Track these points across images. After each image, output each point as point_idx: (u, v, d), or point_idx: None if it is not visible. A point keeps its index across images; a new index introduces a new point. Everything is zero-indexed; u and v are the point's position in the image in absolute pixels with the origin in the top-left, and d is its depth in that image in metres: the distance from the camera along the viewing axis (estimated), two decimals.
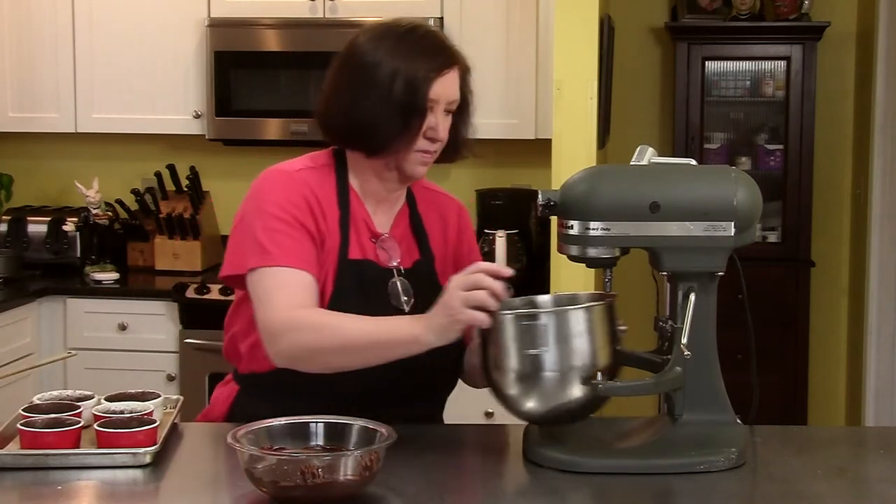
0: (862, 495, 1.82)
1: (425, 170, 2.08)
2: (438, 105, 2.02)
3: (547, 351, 1.78)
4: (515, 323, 1.80)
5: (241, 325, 2.11)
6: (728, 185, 1.85)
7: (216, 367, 4.03)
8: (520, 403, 1.83)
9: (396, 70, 2.00)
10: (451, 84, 2.03)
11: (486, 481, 1.86)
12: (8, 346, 3.93)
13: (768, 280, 4.68)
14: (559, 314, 1.82)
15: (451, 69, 2.03)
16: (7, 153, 4.76)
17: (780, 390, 4.75)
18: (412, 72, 1.99)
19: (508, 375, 1.82)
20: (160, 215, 4.44)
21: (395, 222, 2.13)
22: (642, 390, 1.85)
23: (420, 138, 2.02)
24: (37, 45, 4.40)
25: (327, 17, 4.23)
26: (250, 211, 2.06)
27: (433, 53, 2.02)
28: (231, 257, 2.06)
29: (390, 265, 2.08)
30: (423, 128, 2.01)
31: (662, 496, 1.78)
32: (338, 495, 1.63)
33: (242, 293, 2.09)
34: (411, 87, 1.99)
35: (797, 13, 4.81)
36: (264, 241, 1.99)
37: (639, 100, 5.06)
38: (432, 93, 2.00)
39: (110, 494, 1.77)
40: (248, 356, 2.09)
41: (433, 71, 2.00)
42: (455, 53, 2.06)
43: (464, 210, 2.25)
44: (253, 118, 4.29)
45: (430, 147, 2.04)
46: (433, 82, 2.00)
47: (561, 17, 3.64)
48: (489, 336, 1.84)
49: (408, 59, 2.00)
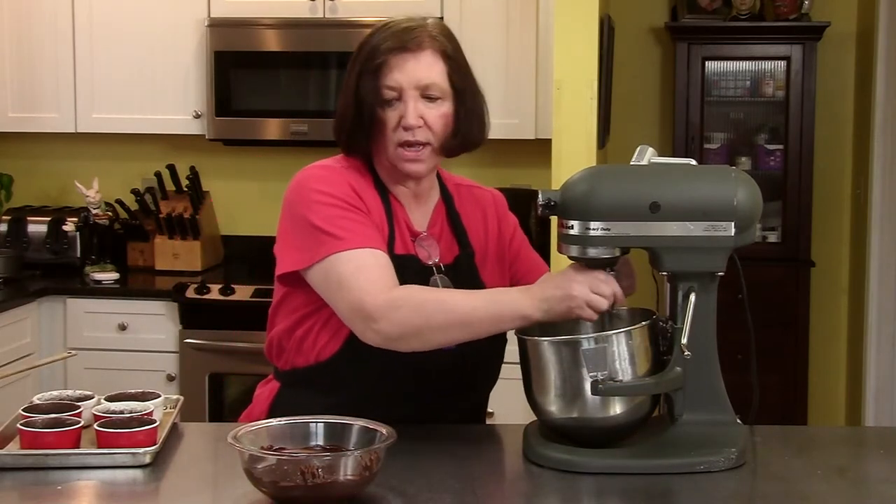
0: (862, 495, 1.82)
1: (420, 167, 2.02)
2: (406, 91, 1.97)
3: (594, 376, 1.80)
4: (557, 348, 1.83)
5: (286, 322, 2.07)
6: (728, 185, 1.85)
7: (216, 367, 4.04)
8: (559, 422, 1.86)
9: (354, 63, 2.00)
10: (417, 69, 1.98)
11: (486, 481, 1.86)
12: (8, 346, 3.93)
13: (768, 280, 4.68)
14: (599, 340, 1.82)
15: (408, 52, 1.97)
16: (7, 153, 4.76)
17: (780, 390, 4.74)
18: (365, 63, 1.98)
19: (549, 396, 1.85)
20: (160, 215, 4.45)
21: (431, 220, 2.11)
22: (643, 390, 1.85)
23: (393, 130, 1.99)
24: (37, 45, 4.40)
25: (327, 17, 4.23)
26: (299, 207, 1.98)
27: (389, 41, 1.98)
28: (291, 253, 1.98)
29: (429, 263, 2.07)
30: (388, 119, 1.98)
31: (662, 496, 1.78)
32: (338, 495, 1.63)
33: (285, 291, 2.06)
34: (363, 77, 1.98)
35: (797, 13, 4.81)
36: (328, 228, 1.93)
37: (639, 100, 5.06)
38: (390, 80, 1.97)
39: (110, 494, 1.77)
40: (294, 351, 2.06)
41: (382, 57, 1.97)
42: (419, 36, 1.99)
43: (499, 199, 2.24)
44: (253, 118, 4.30)
45: (408, 138, 1.98)
46: (382, 69, 1.96)
47: (561, 17, 3.64)
48: (532, 359, 1.86)
49: (369, 52, 1.99)
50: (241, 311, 4.00)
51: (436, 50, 2.00)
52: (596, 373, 1.80)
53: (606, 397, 1.81)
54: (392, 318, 1.86)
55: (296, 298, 2.05)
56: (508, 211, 2.25)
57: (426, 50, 1.99)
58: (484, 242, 2.16)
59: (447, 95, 2.02)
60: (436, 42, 2.01)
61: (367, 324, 1.88)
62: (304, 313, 2.04)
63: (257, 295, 4.00)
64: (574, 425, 1.85)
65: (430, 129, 2.00)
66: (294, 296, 2.05)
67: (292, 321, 2.07)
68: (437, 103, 2.00)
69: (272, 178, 4.64)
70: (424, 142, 2.00)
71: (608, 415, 1.83)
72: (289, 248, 2.00)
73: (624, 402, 1.83)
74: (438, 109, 2.01)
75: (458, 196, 2.17)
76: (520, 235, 2.25)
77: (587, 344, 1.81)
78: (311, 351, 2.03)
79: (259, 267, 4.57)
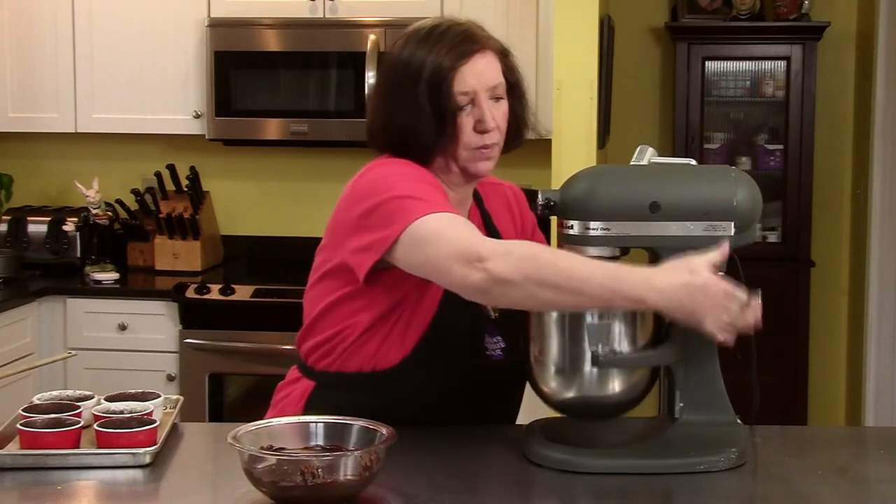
0: (862, 495, 1.82)
1: (491, 164, 2.02)
2: (478, 95, 1.97)
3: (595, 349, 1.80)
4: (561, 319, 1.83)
5: (342, 326, 2.01)
6: (728, 185, 1.85)
7: (216, 367, 4.04)
8: (558, 395, 1.86)
9: (419, 72, 1.96)
10: (485, 70, 1.98)
11: (486, 481, 1.86)
12: (8, 346, 3.93)
13: (768, 280, 4.66)
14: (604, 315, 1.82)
15: (476, 56, 1.98)
16: (7, 153, 4.76)
17: (780, 390, 4.74)
18: (433, 70, 1.96)
19: (549, 368, 1.85)
20: (160, 215, 4.45)
21: None
22: (644, 361, 1.85)
23: (468, 134, 1.98)
24: (37, 45, 4.40)
25: (327, 17, 4.23)
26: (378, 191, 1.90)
27: (452, 46, 1.97)
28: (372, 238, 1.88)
29: None
30: (463, 124, 1.97)
31: (662, 496, 1.78)
32: (338, 495, 1.63)
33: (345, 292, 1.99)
34: (435, 86, 1.95)
35: (797, 13, 4.81)
36: (417, 194, 1.86)
37: (639, 100, 5.06)
38: (464, 85, 1.96)
39: (110, 494, 1.77)
40: (349, 355, 2.01)
41: (453, 63, 1.96)
42: (479, 38, 2.00)
43: (518, 193, 2.24)
44: (253, 118, 4.30)
45: (485, 140, 1.99)
46: (455, 76, 1.95)
47: (561, 17, 3.64)
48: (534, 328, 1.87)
49: (429, 58, 1.97)
50: (241, 311, 4.01)
51: (494, 49, 2.02)
52: (597, 346, 1.80)
53: (604, 370, 1.81)
54: (504, 260, 1.72)
55: (359, 301, 1.98)
56: (527, 206, 2.25)
57: (488, 51, 2.00)
58: (516, 238, 2.15)
59: (505, 93, 2.04)
60: (492, 41, 2.03)
61: (472, 264, 1.73)
62: (371, 320, 1.98)
63: (257, 295, 4.00)
64: (573, 400, 1.85)
65: (499, 129, 2.01)
66: (359, 299, 1.98)
67: (353, 325, 2.00)
68: (500, 102, 2.02)
69: (272, 178, 4.65)
70: (496, 142, 2.02)
71: (606, 389, 1.83)
72: (366, 236, 1.89)
73: (622, 377, 1.83)
74: (502, 108, 2.02)
75: (485, 195, 2.17)
76: (539, 233, 2.25)
77: (591, 318, 1.82)
78: (371, 359, 1.99)
79: (259, 267, 4.58)
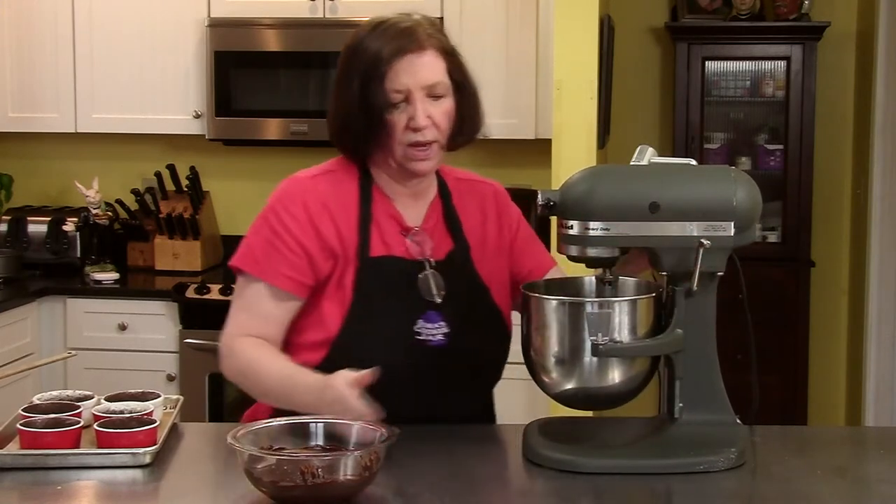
0: (862, 495, 1.82)
1: (428, 164, 2.05)
2: (412, 93, 1.99)
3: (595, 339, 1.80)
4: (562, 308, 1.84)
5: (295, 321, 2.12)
6: (728, 185, 1.85)
7: (216, 367, 4.01)
8: (558, 385, 1.86)
9: (357, 66, 2.01)
10: (421, 69, 1.99)
11: (486, 481, 1.86)
12: (8, 346, 3.93)
13: (768, 280, 4.68)
14: (604, 305, 1.84)
15: (412, 54, 1.99)
16: (7, 153, 4.76)
17: (780, 390, 4.74)
18: (368, 65, 1.99)
19: (549, 359, 1.85)
20: (160, 215, 4.45)
21: (427, 215, 2.12)
22: (644, 351, 1.85)
23: (401, 131, 2.00)
24: (37, 45, 4.40)
25: (327, 17, 4.23)
26: (262, 214, 2.11)
27: (388, 42, 1.99)
28: (241, 249, 2.12)
29: (421, 258, 2.07)
30: (396, 121, 1.99)
31: (662, 496, 1.78)
32: (338, 495, 1.63)
33: None
34: (368, 81, 1.99)
35: (797, 13, 4.81)
36: (257, 249, 2.07)
37: (639, 100, 5.06)
38: (397, 83, 1.98)
39: (110, 494, 1.77)
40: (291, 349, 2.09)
41: (388, 60, 1.98)
42: (419, 36, 2.00)
43: (500, 192, 2.24)
44: (253, 118, 4.30)
45: (417, 138, 2.00)
46: (388, 73, 1.97)
47: (561, 17, 3.64)
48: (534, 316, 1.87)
49: (367, 52, 2.00)
50: None
51: (436, 48, 2.02)
52: (597, 336, 1.80)
53: (604, 360, 1.81)
54: (226, 362, 2.06)
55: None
56: (511, 203, 2.25)
57: (427, 49, 2.01)
58: (482, 236, 2.15)
59: (449, 91, 2.03)
60: (434, 40, 2.02)
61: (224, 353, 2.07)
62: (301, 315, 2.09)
63: None
64: (573, 390, 1.85)
65: (437, 128, 2.02)
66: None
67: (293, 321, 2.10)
68: (440, 101, 2.02)
69: (272, 178, 4.59)
70: (433, 140, 2.02)
71: (606, 379, 1.83)
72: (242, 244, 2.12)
73: (622, 367, 1.83)
74: (442, 106, 2.02)
75: (456, 190, 2.17)
76: (525, 229, 2.24)
77: (591, 308, 1.82)
78: (301, 352, 2.05)
79: None
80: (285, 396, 1.96)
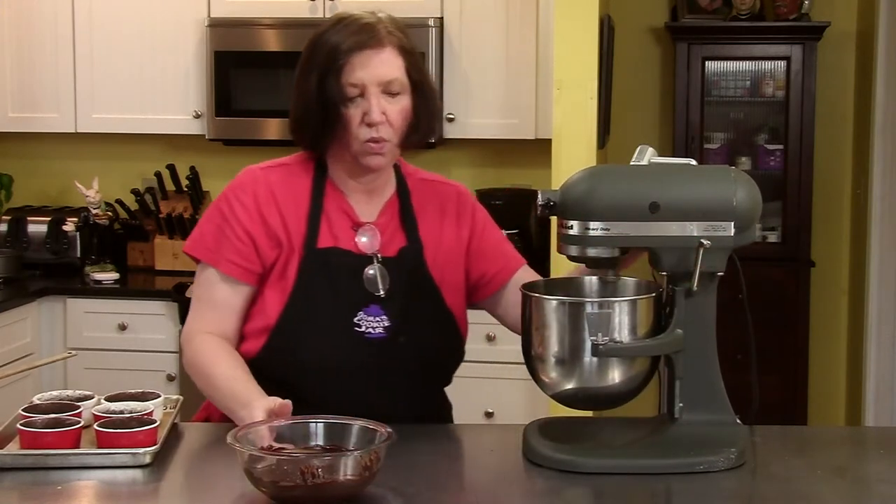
0: (862, 495, 1.82)
1: (382, 160, 2.06)
2: (367, 88, 2.00)
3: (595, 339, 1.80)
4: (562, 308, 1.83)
5: None
6: (728, 185, 1.85)
7: None
8: (558, 385, 1.85)
9: (314, 61, 2.03)
10: (379, 65, 2.01)
11: (486, 481, 1.86)
12: (8, 346, 3.93)
13: (768, 280, 4.68)
14: (604, 305, 1.84)
15: (370, 49, 2.00)
16: (7, 153, 4.76)
17: (780, 390, 4.74)
18: (326, 59, 2.01)
19: (549, 359, 1.84)
20: (160, 215, 4.45)
21: (381, 211, 2.14)
22: (644, 351, 1.84)
23: (356, 126, 2.02)
24: (37, 45, 4.41)
25: (327, 17, 4.21)
26: (215, 202, 2.16)
27: (347, 37, 2.01)
28: (194, 234, 2.17)
29: (369, 253, 2.09)
30: (351, 116, 2.01)
31: (662, 496, 1.78)
32: (338, 495, 1.63)
33: None
34: (325, 74, 2.01)
35: (797, 13, 4.81)
36: (209, 236, 2.11)
37: (639, 100, 5.06)
38: (353, 77, 2.00)
39: (110, 494, 1.77)
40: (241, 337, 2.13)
41: (345, 54, 1.99)
42: (378, 33, 2.02)
43: (463, 194, 2.23)
44: (253, 118, 4.30)
45: (372, 134, 2.02)
46: (345, 67, 1.99)
47: (561, 17, 3.65)
48: (534, 319, 1.86)
49: (326, 47, 2.02)
50: None
51: (395, 45, 2.04)
52: (597, 336, 1.80)
53: (604, 360, 1.81)
54: (185, 355, 2.13)
55: None
56: (476, 205, 2.25)
57: (386, 46, 2.02)
58: (437, 237, 2.16)
59: (406, 90, 2.05)
60: (394, 37, 2.04)
61: (185, 340, 2.14)
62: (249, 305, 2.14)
63: None
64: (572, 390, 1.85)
65: (391, 125, 2.03)
66: None
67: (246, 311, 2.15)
68: (397, 98, 2.04)
69: None
70: (387, 138, 2.04)
71: (606, 379, 1.83)
72: (197, 229, 2.17)
73: (622, 367, 1.83)
74: (399, 104, 2.04)
75: (417, 190, 2.18)
76: (492, 231, 2.24)
77: (591, 308, 1.82)
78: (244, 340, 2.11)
79: None
80: (220, 399, 2.02)
